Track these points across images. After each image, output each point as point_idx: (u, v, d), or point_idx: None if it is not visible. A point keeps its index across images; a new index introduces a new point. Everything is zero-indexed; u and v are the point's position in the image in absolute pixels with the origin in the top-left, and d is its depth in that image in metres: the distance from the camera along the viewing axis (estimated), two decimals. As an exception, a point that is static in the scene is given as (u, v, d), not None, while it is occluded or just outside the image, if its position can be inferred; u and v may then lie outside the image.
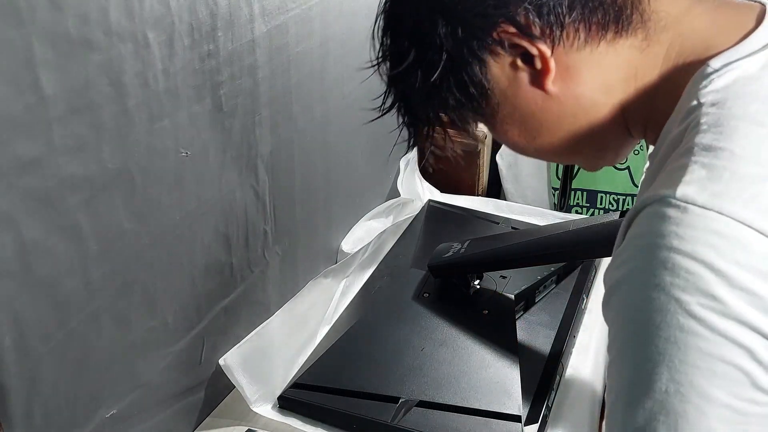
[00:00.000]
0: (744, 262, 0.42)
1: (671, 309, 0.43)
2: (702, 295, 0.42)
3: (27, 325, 0.67)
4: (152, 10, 0.72)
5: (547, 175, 1.73)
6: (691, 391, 0.43)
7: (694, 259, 0.43)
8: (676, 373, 0.43)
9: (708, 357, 0.42)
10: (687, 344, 0.43)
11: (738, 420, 0.43)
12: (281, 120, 1.02)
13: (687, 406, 0.43)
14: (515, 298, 1.13)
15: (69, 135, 0.65)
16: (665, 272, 0.43)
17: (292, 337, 1.09)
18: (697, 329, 0.43)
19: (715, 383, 0.43)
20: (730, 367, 0.42)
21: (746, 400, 0.43)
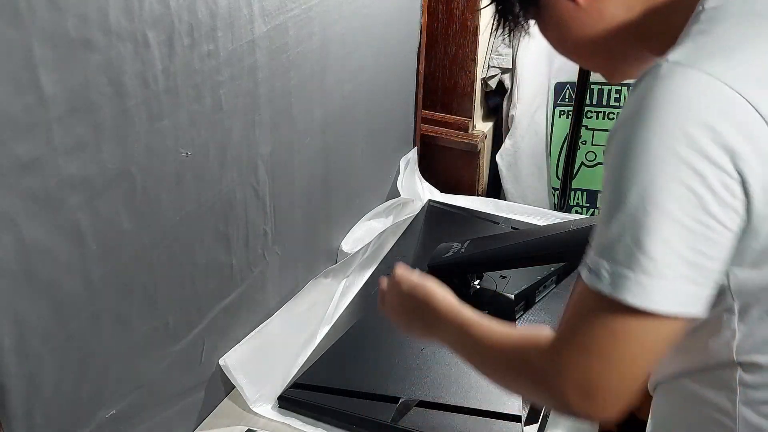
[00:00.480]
0: (713, 106, 0.52)
1: (649, 140, 0.53)
2: (676, 130, 0.53)
3: (27, 326, 0.67)
4: (152, 10, 0.72)
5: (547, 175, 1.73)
6: (653, 207, 0.53)
7: (672, 104, 0.53)
8: (644, 191, 0.53)
9: (670, 180, 0.52)
10: (656, 169, 0.53)
11: (689, 237, 0.53)
12: (281, 120, 1.02)
13: (648, 219, 0.53)
14: (515, 298, 1.13)
15: (69, 135, 0.66)
16: (649, 115, 0.54)
17: (292, 337, 1.09)
18: (666, 157, 0.53)
19: (673, 202, 0.52)
20: (686, 189, 0.52)
21: (697, 221, 0.53)
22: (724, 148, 0.52)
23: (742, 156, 0.52)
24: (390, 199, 1.49)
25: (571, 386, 0.57)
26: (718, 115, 0.52)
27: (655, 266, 0.53)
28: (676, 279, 0.53)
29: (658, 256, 0.53)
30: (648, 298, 0.53)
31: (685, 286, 0.54)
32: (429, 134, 1.63)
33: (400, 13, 1.36)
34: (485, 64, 1.67)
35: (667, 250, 0.53)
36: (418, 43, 1.48)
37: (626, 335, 0.55)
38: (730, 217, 0.53)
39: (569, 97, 1.65)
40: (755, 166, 0.52)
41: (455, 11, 1.54)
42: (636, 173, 0.54)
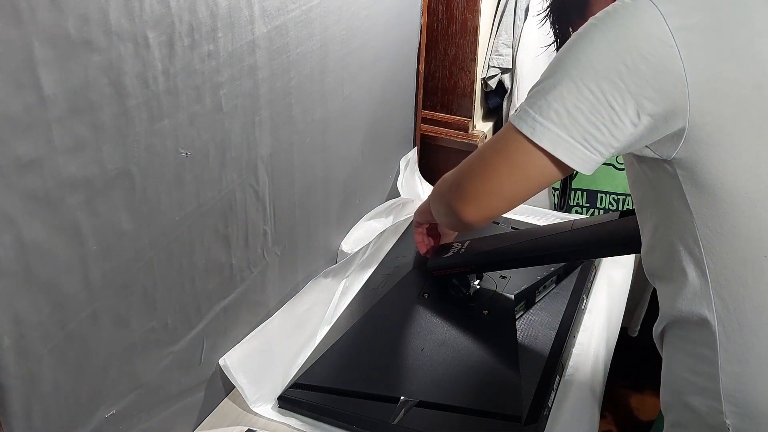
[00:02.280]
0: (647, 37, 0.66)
1: (592, 36, 0.69)
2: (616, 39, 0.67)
3: (27, 326, 0.67)
4: (152, 10, 0.72)
5: (547, 175, 1.73)
6: (573, 75, 0.69)
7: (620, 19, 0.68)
8: (572, 64, 0.69)
9: (594, 63, 0.68)
10: (588, 55, 0.68)
11: (585, 101, 0.69)
12: (281, 121, 1.02)
13: (565, 80, 0.69)
14: (515, 298, 1.13)
15: (69, 135, 0.66)
16: (603, 21, 0.68)
17: (291, 337, 1.10)
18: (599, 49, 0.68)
19: (586, 78, 0.68)
20: (606, 70, 0.68)
21: (603, 92, 0.68)
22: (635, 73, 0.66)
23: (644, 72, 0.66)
24: (390, 199, 1.49)
25: (454, 197, 0.80)
26: (647, 46, 0.66)
27: (547, 113, 0.69)
28: (559, 126, 0.69)
29: (556, 105, 0.69)
30: (533, 131, 0.70)
31: (564, 135, 0.69)
32: (429, 134, 1.63)
33: (400, 13, 1.36)
34: (485, 64, 1.67)
35: (563, 105, 0.68)
36: (418, 43, 1.48)
37: (507, 154, 0.74)
38: (630, 108, 0.67)
39: (569, 98, 1.65)
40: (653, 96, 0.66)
41: (455, 11, 1.54)
42: (575, 52, 0.69)
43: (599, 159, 0.71)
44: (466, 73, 1.60)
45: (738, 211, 0.69)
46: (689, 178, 0.70)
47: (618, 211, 1.33)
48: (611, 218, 1.06)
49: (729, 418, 0.72)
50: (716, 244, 0.70)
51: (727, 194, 0.68)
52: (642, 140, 0.70)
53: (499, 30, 1.66)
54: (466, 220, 0.80)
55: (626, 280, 1.29)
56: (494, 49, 1.66)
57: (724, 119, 0.67)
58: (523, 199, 0.77)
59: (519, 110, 0.72)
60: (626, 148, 0.71)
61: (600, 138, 0.69)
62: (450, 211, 0.83)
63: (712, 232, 0.70)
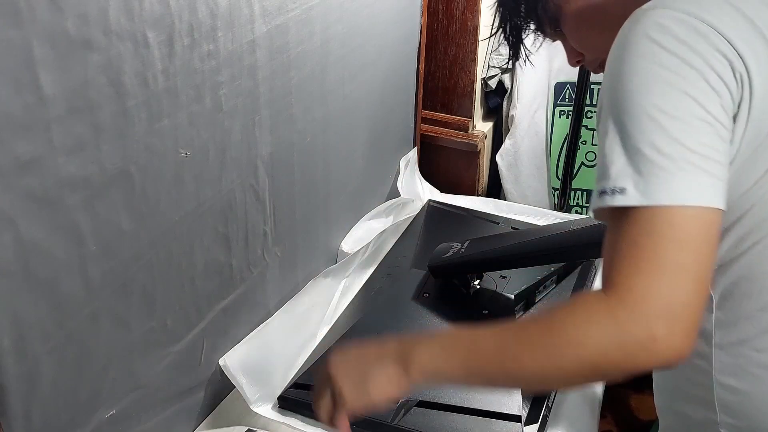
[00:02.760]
0: (690, 31, 0.59)
1: (636, 64, 0.59)
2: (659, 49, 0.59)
3: (26, 326, 0.66)
4: (152, 9, 0.72)
5: (547, 175, 1.73)
6: (658, 115, 0.57)
7: (653, 31, 0.60)
8: (646, 105, 0.58)
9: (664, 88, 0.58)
10: (650, 85, 0.58)
11: (693, 132, 0.57)
12: (281, 120, 1.02)
13: (656, 125, 0.57)
14: (515, 298, 1.13)
15: (68, 135, 0.65)
16: (634, 45, 0.60)
17: (291, 337, 1.09)
18: (656, 71, 0.59)
19: (673, 106, 0.58)
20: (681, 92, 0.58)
21: (697, 117, 0.58)
22: (699, 54, 0.58)
23: (713, 61, 0.58)
24: (390, 199, 1.49)
25: (655, 315, 0.54)
26: (686, 33, 0.59)
27: (675, 164, 0.56)
28: (695, 172, 0.56)
29: (675, 154, 0.56)
30: (678, 195, 0.55)
31: (704, 178, 0.57)
32: (429, 134, 1.63)
33: (401, 13, 1.36)
34: (485, 64, 1.67)
35: (681, 148, 0.56)
36: (418, 43, 1.48)
37: (676, 239, 0.55)
38: (722, 114, 0.59)
39: (569, 97, 1.65)
40: (724, 69, 0.59)
41: (455, 11, 1.54)
42: (633, 95, 0.59)
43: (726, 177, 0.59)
44: (466, 73, 1.60)
45: (752, 230, 0.65)
46: None
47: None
48: (611, 218, 1.05)
49: (723, 428, 0.71)
50: (727, 259, 0.68)
51: (751, 214, 0.65)
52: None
53: (499, 30, 1.66)
54: (684, 343, 0.56)
55: (626, 280, 1.29)
56: (494, 49, 1.66)
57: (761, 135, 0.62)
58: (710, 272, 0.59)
59: (631, 184, 0.57)
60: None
61: (722, 160, 0.59)
62: (642, 345, 0.56)
63: (725, 248, 0.67)
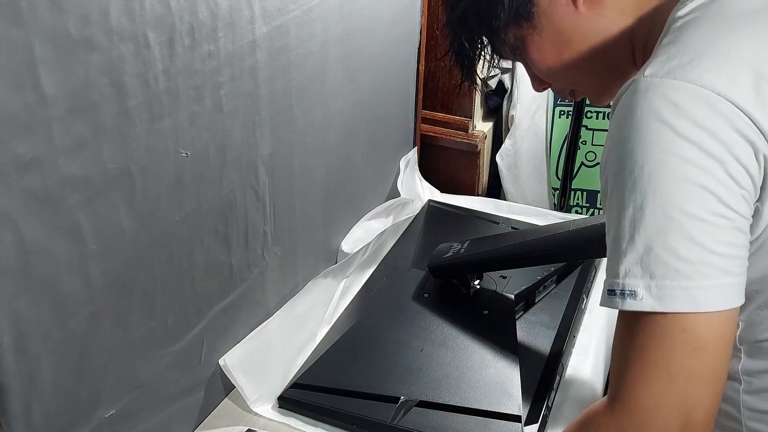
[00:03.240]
0: (697, 107, 0.54)
1: (648, 153, 0.55)
2: (672, 135, 0.54)
3: (26, 325, 0.67)
4: (153, 10, 0.72)
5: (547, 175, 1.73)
6: (675, 212, 0.54)
7: (660, 112, 0.55)
8: (659, 201, 0.54)
9: (680, 183, 0.54)
10: (664, 177, 0.54)
11: (715, 232, 0.54)
12: (281, 121, 1.02)
13: (673, 225, 0.54)
14: (515, 298, 1.13)
15: (69, 135, 0.66)
16: (640, 129, 0.55)
17: (291, 337, 1.10)
18: (670, 162, 0.54)
19: (690, 203, 0.54)
20: (698, 187, 0.54)
21: (717, 214, 0.54)
22: (719, 141, 0.54)
23: (735, 147, 0.54)
24: (390, 199, 1.49)
25: (668, 423, 0.54)
26: (704, 114, 0.54)
27: (693, 267, 0.53)
28: (716, 275, 0.54)
29: (694, 257, 0.53)
30: (697, 302, 0.53)
31: (725, 279, 0.55)
32: (429, 134, 1.63)
33: (400, 13, 1.36)
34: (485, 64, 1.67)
35: (700, 250, 0.54)
36: (418, 43, 1.48)
37: (692, 344, 0.54)
38: (743, 205, 0.55)
39: (569, 98, 1.65)
40: (747, 155, 0.55)
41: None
42: (645, 187, 0.54)
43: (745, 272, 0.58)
44: (467, 73, 1.60)
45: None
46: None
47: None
48: (611, 218, 1.05)
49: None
50: (756, 318, 0.64)
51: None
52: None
53: (499, 30, 1.66)
54: None
55: (626, 280, 1.29)
56: (494, 49, 1.66)
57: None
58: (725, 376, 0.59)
59: (651, 291, 0.55)
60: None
61: (743, 254, 0.57)
62: None
63: (755, 308, 0.63)
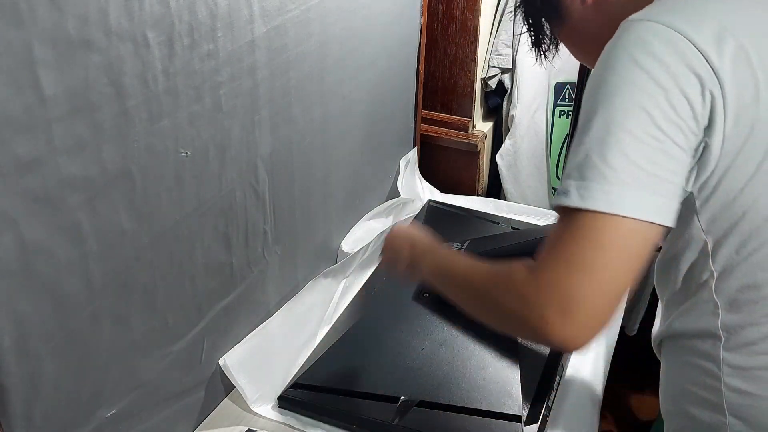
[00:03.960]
0: (663, 45, 0.62)
1: (610, 76, 0.62)
2: (632, 63, 0.62)
3: (27, 325, 0.67)
4: (152, 10, 0.72)
5: (546, 175, 1.73)
6: (614, 127, 0.60)
7: (630, 44, 0.63)
8: (607, 115, 0.61)
9: (627, 103, 0.61)
10: (616, 96, 0.61)
11: (645, 150, 0.60)
12: (281, 121, 1.02)
13: (610, 137, 0.60)
14: (515, 298, 1.13)
15: (69, 135, 0.66)
16: (612, 57, 0.63)
17: (292, 337, 1.10)
18: (624, 85, 0.62)
19: (630, 120, 0.60)
20: (640, 109, 0.60)
21: (651, 136, 0.60)
22: (669, 72, 0.61)
23: (682, 79, 0.61)
24: (390, 199, 1.49)
25: (550, 303, 0.59)
26: (662, 48, 0.61)
27: (616, 175, 0.59)
28: (636, 187, 0.60)
29: (619, 166, 0.60)
30: (613, 204, 0.59)
31: (645, 194, 0.60)
32: (429, 134, 1.63)
33: (400, 13, 1.36)
34: (485, 64, 1.67)
35: (627, 161, 0.60)
36: (418, 43, 1.48)
37: (598, 242, 0.59)
38: (676, 132, 0.61)
39: (569, 97, 1.65)
40: (693, 89, 0.61)
41: (455, 11, 1.54)
42: (600, 103, 0.62)
43: (677, 204, 0.63)
44: (466, 73, 1.60)
45: (753, 238, 0.66)
46: (706, 204, 0.67)
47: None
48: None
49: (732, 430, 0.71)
50: (728, 268, 0.69)
51: (745, 222, 0.66)
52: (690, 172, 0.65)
53: (499, 30, 1.66)
54: (574, 339, 0.61)
55: (626, 279, 1.29)
56: (494, 49, 1.66)
57: (752, 148, 0.63)
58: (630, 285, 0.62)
59: (577, 186, 0.61)
60: (686, 183, 0.65)
61: (671, 179, 0.61)
62: (536, 327, 0.61)
63: (726, 258, 0.68)
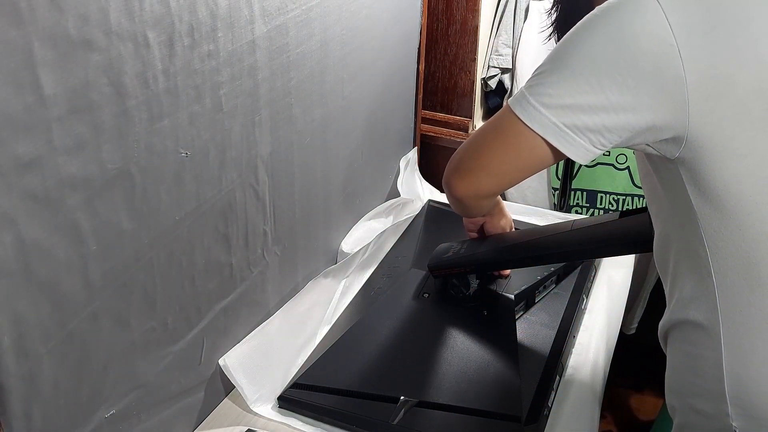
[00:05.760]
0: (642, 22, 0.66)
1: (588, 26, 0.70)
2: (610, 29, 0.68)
3: (26, 325, 0.67)
4: (152, 10, 0.72)
5: (547, 175, 1.73)
6: (569, 63, 0.71)
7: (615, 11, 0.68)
8: (568, 53, 0.71)
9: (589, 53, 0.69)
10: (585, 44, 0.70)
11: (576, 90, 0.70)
12: (281, 121, 1.02)
13: (564, 70, 0.71)
14: (515, 298, 1.13)
15: (69, 135, 0.66)
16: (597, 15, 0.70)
17: (291, 337, 1.10)
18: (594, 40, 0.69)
19: (581, 66, 0.70)
20: (590, 61, 0.69)
21: (592, 84, 0.69)
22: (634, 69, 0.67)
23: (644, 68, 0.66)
24: (390, 199, 1.49)
25: (450, 168, 0.83)
26: (647, 42, 0.66)
27: (544, 101, 0.71)
28: (553, 114, 0.70)
29: (553, 92, 0.70)
30: (528, 115, 0.72)
31: (555, 120, 0.70)
32: (429, 134, 1.63)
33: (400, 13, 1.36)
34: (485, 64, 1.67)
35: (560, 94, 0.70)
36: (418, 43, 1.48)
37: (504, 140, 0.76)
38: (614, 92, 0.67)
39: (569, 98, 1.65)
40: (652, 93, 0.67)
41: (455, 11, 1.54)
42: (575, 43, 0.70)
43: (592, 149, 0.72)
44: (466, 73, 1.60)
45: (743, 213, 0.68)
46: (692, 180, 0.69)
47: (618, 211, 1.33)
48: (611, 218, 1.06)
49: (735, 421, 0.71)
50: (721, 246, 0.70)
51: (731, 197, 0.68)
52: (640, 137, 0.70)
53: (499, 30, 1.66)
54: (456, 194, 0.84)
55: (626, 280, 1.29)
56: (494, 49, 1.66)
57: (725, 121, 0.66)
58: (513, 180, 0.79)
59: (517, 93, 0.74)
60: (624, 143, 0.71)
61: (594, 128, 0.70)
62: (445, 185, 0.86)
63: (717, 233, 0.70)
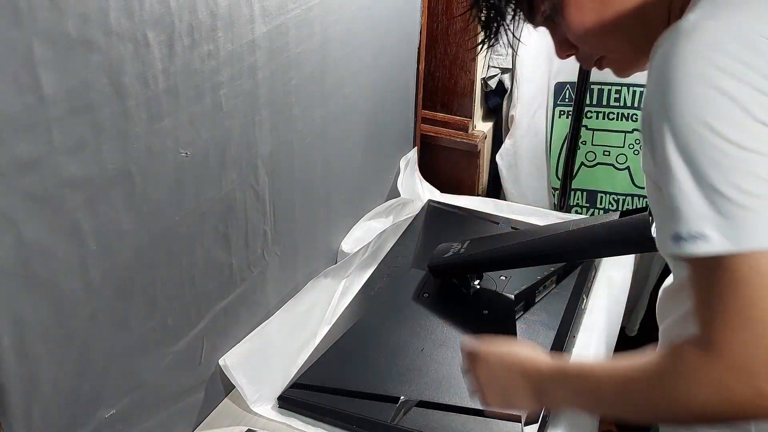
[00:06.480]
0: (739, 45, 0.54)
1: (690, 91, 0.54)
2: (714, 70, 0.54)
3: (27, 326, 0.67)
4: (152, 10, 0.72)
5: (547, 175, 1.73)
6: (730, 148, 0.52)
7: (702, 47, 0.55)
8: (713, 140, 0.53)
9: (729, 115, 0.53)
10: (711, 112, 0.53)
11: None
12: (281, 121, 1.02)
13: (730, 161, 0.52)
14: (515, 298, 1.13)
15: (69, 135, 0.66)
16: (682, 68, 0.55)
17: (291, 337, 1.10)
18: (714, 96, 0.53)
19: (745, 136, 0.52)
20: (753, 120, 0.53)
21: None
22: (760, 73, 0.53)
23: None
24: (390, 199, 1.49)
25: (756, 372, 0.51)
26: (745, 52, 0.54)
27: (760, 201, 0.52)
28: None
29: (758, 190, 0.52)
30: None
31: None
32: (429, 134, 1.63)
33: (400, 13, 1.36)
34: (485, 64, 1.67)
35: (762, 182, 0.52)
36: (418, 43, 1.48)
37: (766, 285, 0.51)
38: None
39: (569, 97, 1.65)
40: None
41: (455, 11, 1.54)
42: (696, 125, 0.53)
43: None
44: (466, 73, 1.60)
45: None
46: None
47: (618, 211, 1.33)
48: (611, 218, 1.06)
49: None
50: None
51: None
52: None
53: (499, 30, 1.66)
54: None
55: (626, 280, 1.29)
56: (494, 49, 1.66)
57: None
58: None
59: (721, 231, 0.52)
60: None
61: None
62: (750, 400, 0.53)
63: None
